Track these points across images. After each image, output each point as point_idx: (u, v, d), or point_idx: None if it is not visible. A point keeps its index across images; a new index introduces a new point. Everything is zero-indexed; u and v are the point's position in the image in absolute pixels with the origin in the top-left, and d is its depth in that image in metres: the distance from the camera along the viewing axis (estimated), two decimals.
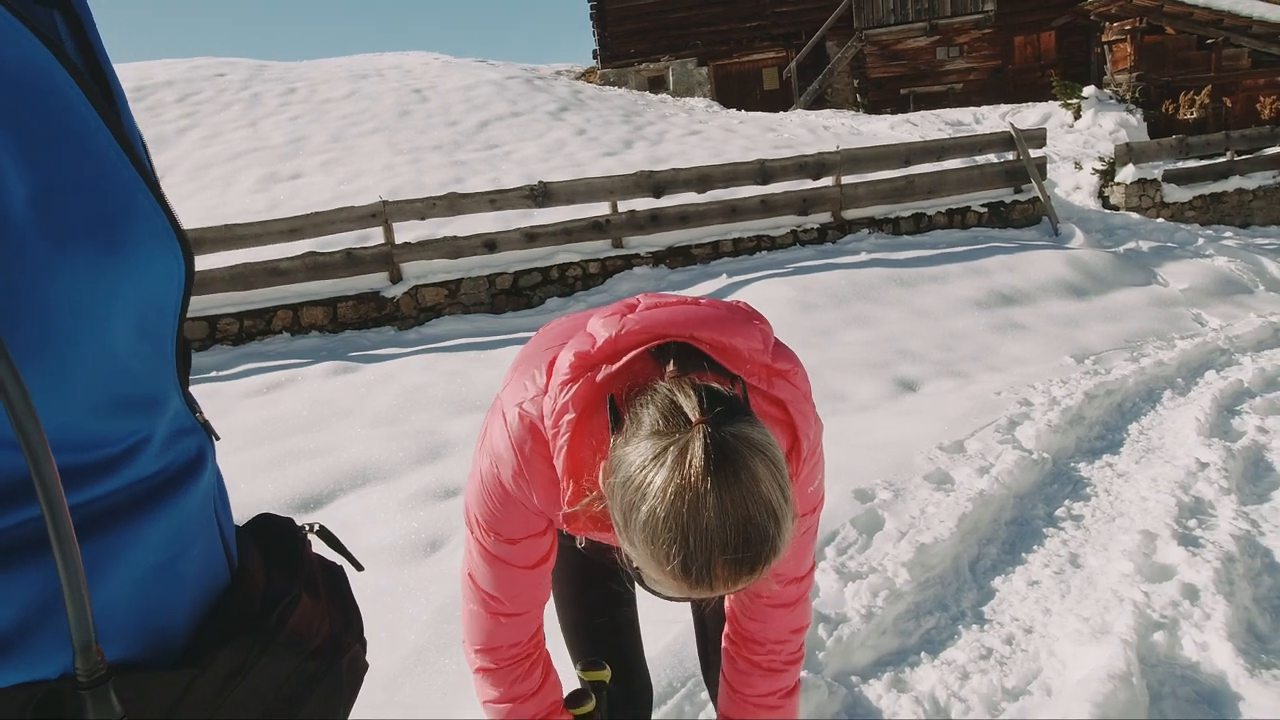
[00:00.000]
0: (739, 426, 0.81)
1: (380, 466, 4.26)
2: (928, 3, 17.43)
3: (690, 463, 0.78)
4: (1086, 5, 14.58)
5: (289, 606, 0.68)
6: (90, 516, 0.56)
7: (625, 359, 0.93)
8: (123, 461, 0.58)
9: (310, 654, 0.69)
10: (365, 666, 0.79)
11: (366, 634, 0.81)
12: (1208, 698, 2.03)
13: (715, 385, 0.88)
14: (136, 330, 0.59)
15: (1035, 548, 2.98)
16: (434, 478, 4.06)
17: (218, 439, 0.71)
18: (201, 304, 6.88)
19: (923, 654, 2.30)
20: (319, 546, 0.85)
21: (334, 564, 0.81)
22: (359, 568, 0.85)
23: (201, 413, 0.69)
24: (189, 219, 8.90)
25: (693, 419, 0.81)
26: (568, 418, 0.94)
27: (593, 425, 0.93)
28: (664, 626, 2.15)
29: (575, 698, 1.29)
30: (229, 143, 11.88)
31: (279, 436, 4.84)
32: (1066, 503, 3.38)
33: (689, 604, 1.50)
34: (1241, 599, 2.47)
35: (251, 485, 4.07)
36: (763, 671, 1.22)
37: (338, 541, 0.84)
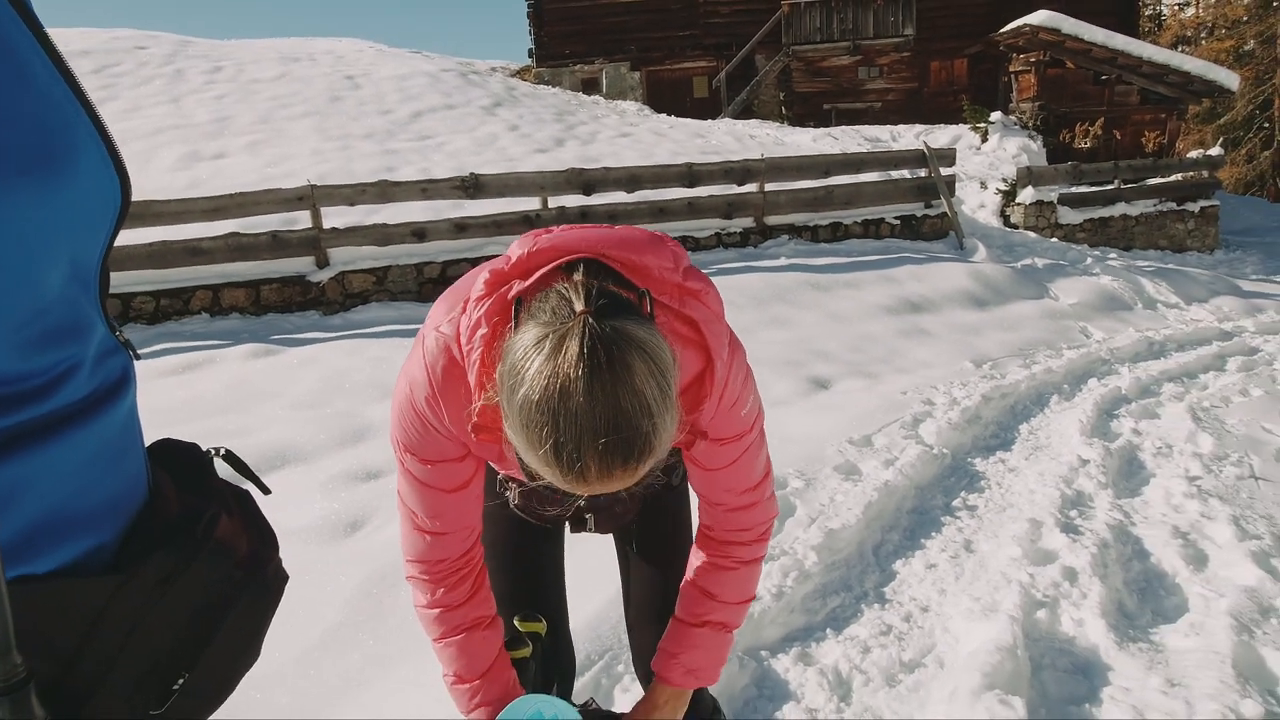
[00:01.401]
0: (622, 322, 0.82)
1: (301, 448, 4.14)
2: (852, 24, 17.91)
3: (566, 350, 0.79)
4: (997, 36, 15.23)
5: (213, 518, 0.68)
6: (18, 435, 0.54)
7: (537, 274, 0.93)
8: (53, 388, 0.56)
9: (237, 563, 0.70)
10: (286, 577, 0.79)
11: (284, 610, 0.81)
12: (1082, 669, 2.16)
13: (613, 289, 0.88)
14: (68, 261, 0.57)
15: (933, 534, 3.11)
16: (355, 460, 3.96)
17: (137, 357, 0.70)
18: (117, 280, 6.51)
19: (828, 630, 2.38)
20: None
21: (240, 489, 0.80)
22: (266, 491, 0.84)
23: (121, 332, 0.68)
24: None
25: (577, 311, 0.82)
26: (480, 333, 0.93)
27: (503, 339, 0.92)
28: (584, 598, 2.16)
29: (511, 643, 1.30)
30: (149, 118, 11.30)
31: (196, 417, 4.64)
32: (962, 494, 3.53)
33: (618, 568, 1.51)
34: (1114, 581, 2.64)
35: None
36: (730, 565, 1.23)
37: (244, 465, 0.83)
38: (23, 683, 0.51)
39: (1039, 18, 13.94)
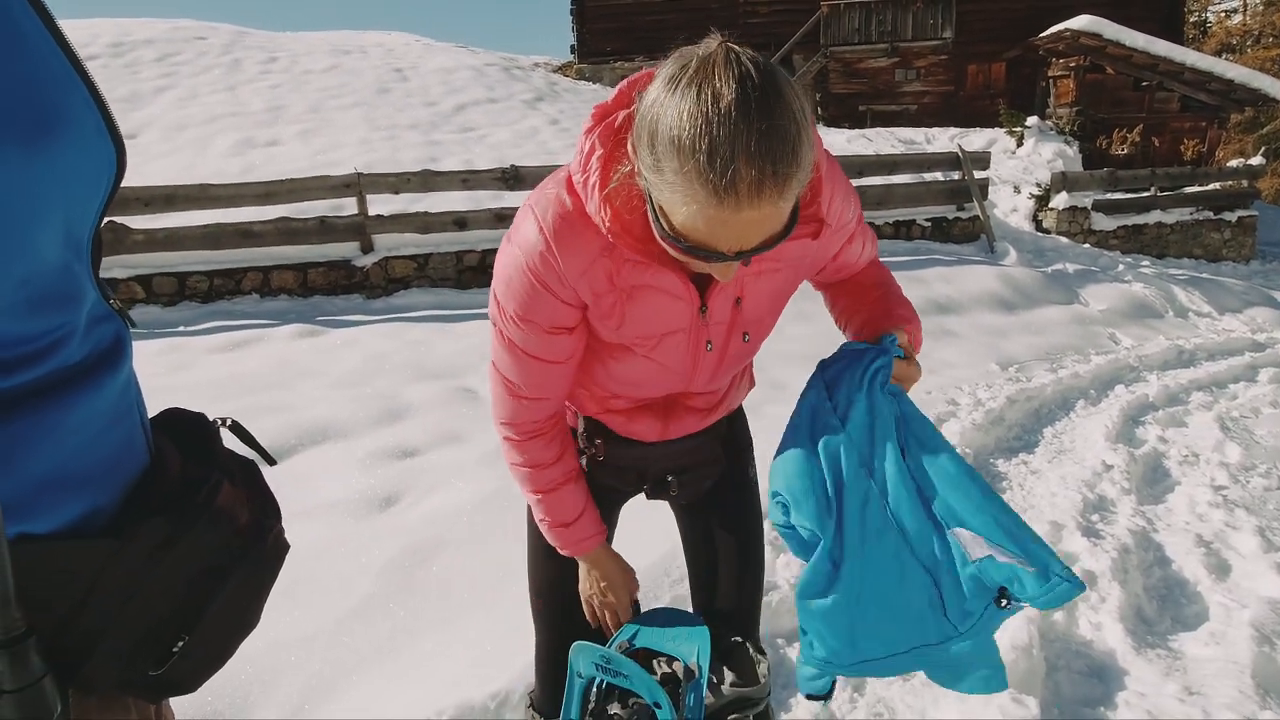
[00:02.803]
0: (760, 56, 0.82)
1: (341, 425, 4.20)
2: (891, 26, 17.63)
3: (714, 67, 0.78)
4: (1036, 41, 14.90)
5: (215, 486, 0.68)
6: (15, 398, 0.54)
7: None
8: (48, 353, 0.57)
9: (236, 531, 0.69)
10: (287, 546, 0.78)
11: (318, 581, 0.80)
12: (1098, 671, 2.12)
13: None
14: (62, 230, 0.56)
15: None
16: (392, 438, 4.01)
17: (133, 326, 0.69)
18: (172, 259, 6.68)
19: None
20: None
21: (246, 459, 0.80)
22: (271, 461, 0.84)
23: (116, 299, 0.67)
24: (163, 176, 8.60)
25: (713, 46, 0.80)
26: (596, 155, 0.91)
27: (619, 162, 0.90)
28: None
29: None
30: (206, 105, 11.50)
31: (243, 393, 4.73)
32: None
33: (687, 563, 1.44)
34: (1134, 587, 2.58)
35: None
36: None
37: (249, 435, 0.83)
38: (23, 636, 0.51)
39: (1080, 22, 13.61)
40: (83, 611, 0.58)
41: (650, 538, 2.17)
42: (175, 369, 5.28)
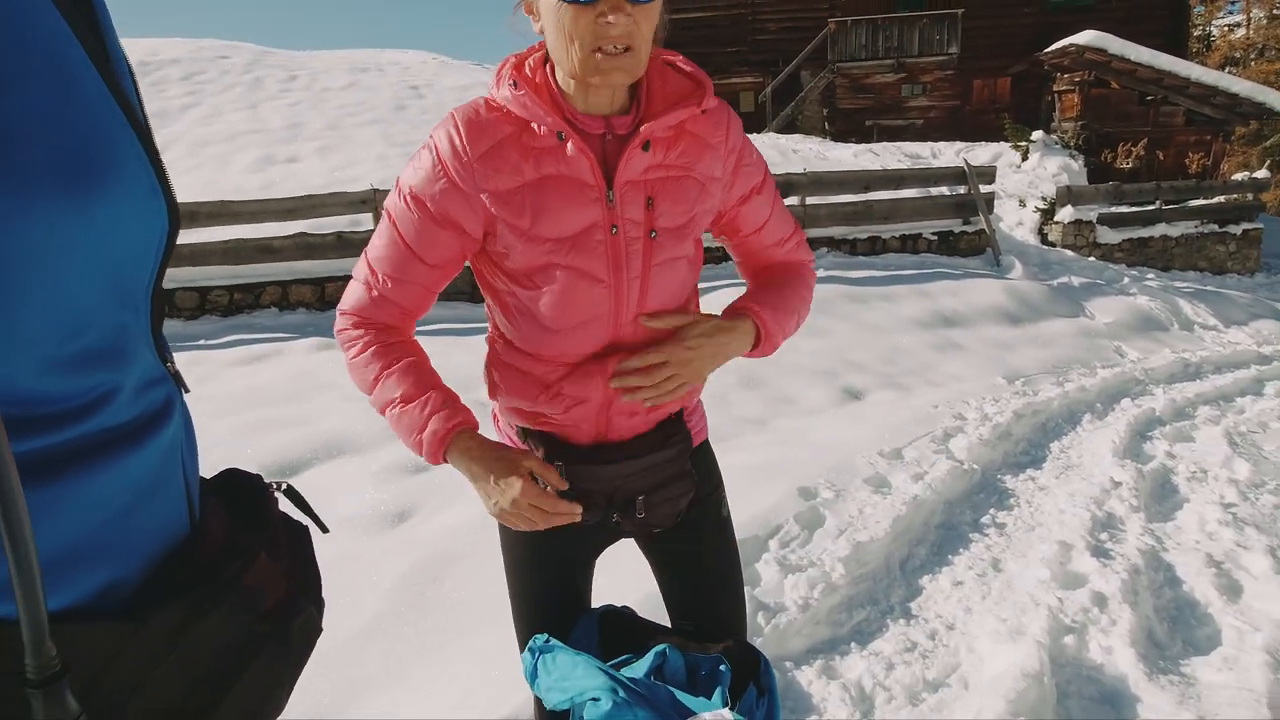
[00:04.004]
0: None
1: (356, 439, 4.19)
2: (897, 42, 17.59)
3: None
4: (1042, 56, 14.82)
5: (246, 563, 0.64)
6: (50, 459, 0.51)
7: None
8: (88, 412, 0.54)
9: (261, 615, 0.65)
10: (318, 631, 0.74)
11: (328, 597, 0.78)
12: (1109, 698, 2.06)
13: None
14: (108, 283, 0.54)
15: (961, 551, 3.01)
16: (406, 452, 3.99)
17: (187, 391, 0.67)
18: (194, 274, 6.71)
19: (853, 644, 2.31)
20: (285, 506, 0.81)
21: (299, 524, 0.77)
22: (324, 529, 0.81)
23: (173, 362, 0.64)
24: (186, 193, 8.66)
25: None
26: (509, 63, 1.06)
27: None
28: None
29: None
30: (229, 123, 11.60)
31: (261, 405, 4.74)
32: (991, 511, 3.42)
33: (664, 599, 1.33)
34: (1144, 609, 2.52)
35: (231, 448, 3.98)
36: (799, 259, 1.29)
37: (304, 502, 0.79)
38: (57, 675, 0.48)
39: (1085, 38, 13.53)
40: (90, 698, 0.53)
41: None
42: (197, 382, 5.29)
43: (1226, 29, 28.39)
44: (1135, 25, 16.40)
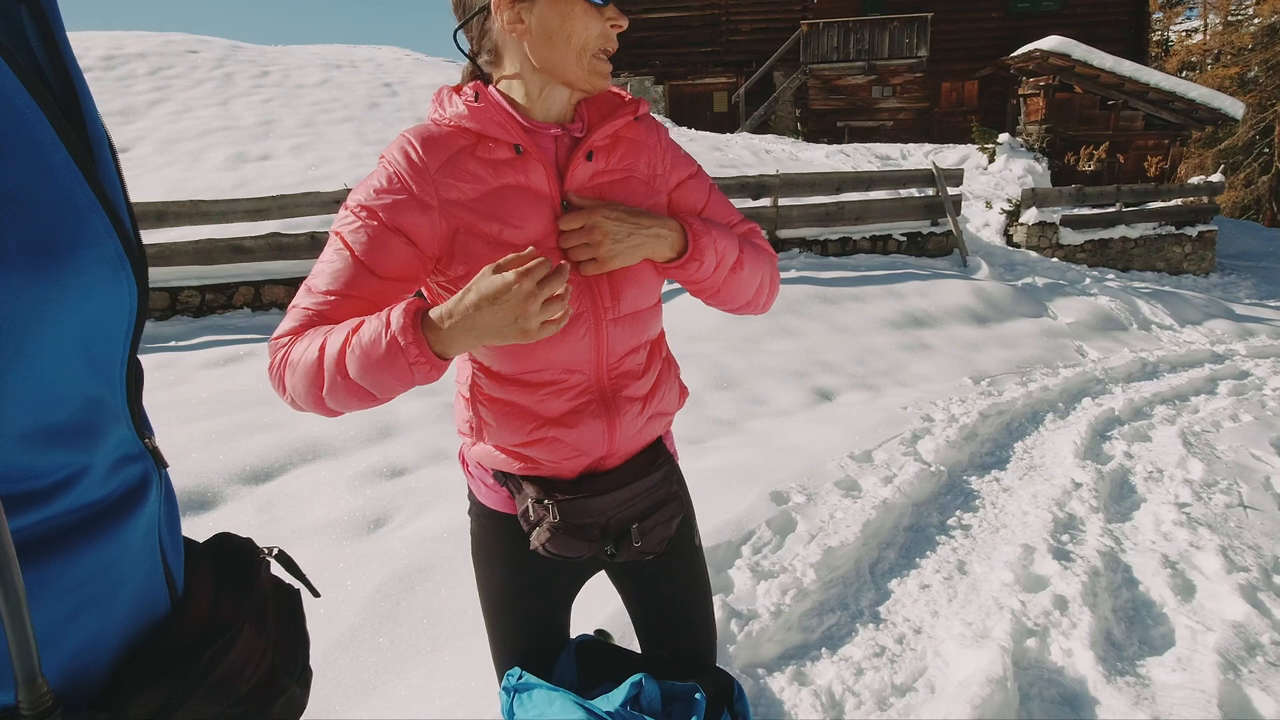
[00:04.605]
0: None
1: (331, 443, 4.14)
2: (868, 44, 17.73)
3: None
4: (1008, 60, 15.03)
5: (226, 645, 0.62)
6: (16, 545, 0.49)
7: None
8: (56, 493, 0.52)
9: (239, 699, 0.63)
10: (301, 708, 0.72)
11: (307, 609, 0.75)
12: (1069, 700, 2.11)
13: None
14: (78, 358, 0.53)
15: (928, 554, 3.06)
16: (382, 457, 3.96)
17: (166, 466, 0.65)
18: (164, 275, 6.58)
19: (823, 650, 2.34)
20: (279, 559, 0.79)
21: (290, 588, 0.75)
22: (315, 594, 0.79)
23: (151, 437, 0.63)
24: (156, 191, 8.48)
25: None
26: (442, 91, 1.08)
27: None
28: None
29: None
30: (199, 119, 11.37)
31: (234, 409, 4.66)
32: (958, 513, 3.48)
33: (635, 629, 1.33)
34: (1103, 610, 2.58)
35: (204, 455, 3.91)
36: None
37: (296, 567, 0.77)
38: (50, 710, 0.47)
39: (1050, 43, 13.74)
40: None
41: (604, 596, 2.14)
42: (168, 385, 5.19)
43: (1184, 34, 28.99)
44: (1097, 30, 16.70)
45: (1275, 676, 2.20)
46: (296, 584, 0.77)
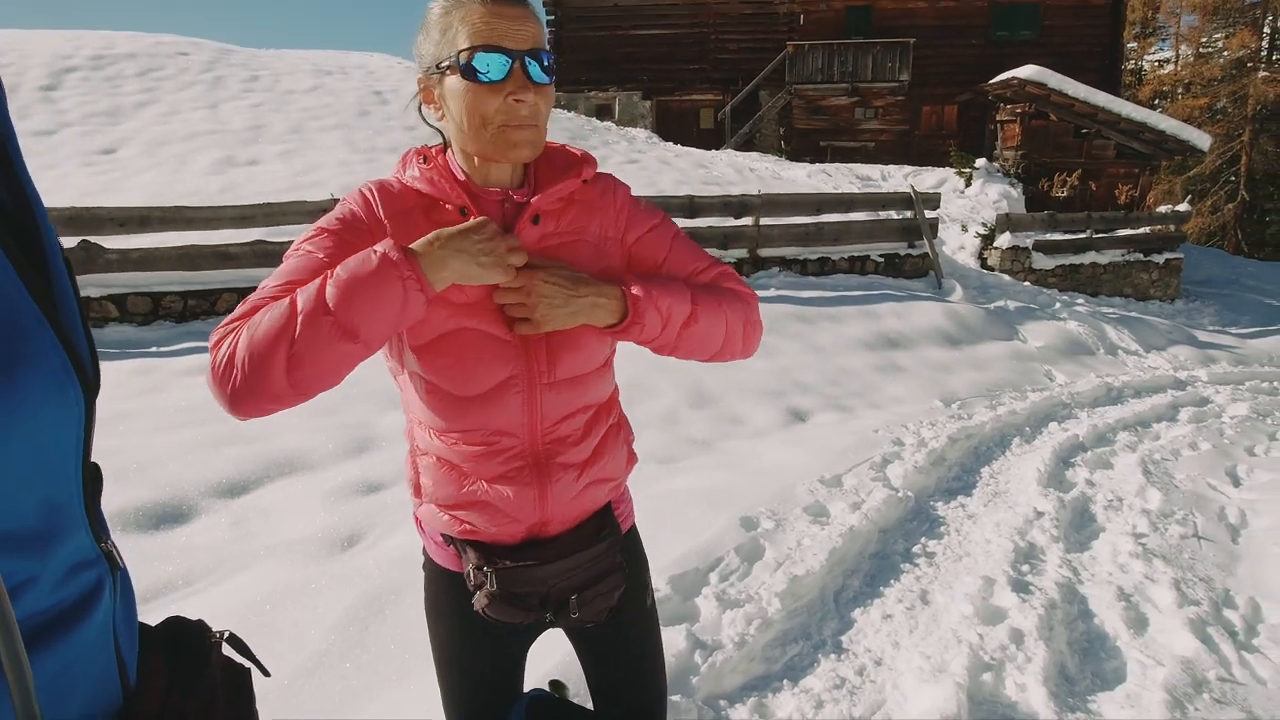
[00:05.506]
0: None
1: (308, 456, 4.11)
2: (852, 67, 17.92)
3: None
4: (986, 86, 15.23)
5: None
6: None
7: None
8: None
9: None
10: None
11: (274, 632, 0.75)
12: None
13: None
14: (32, 467, 0.53)
15: (892, 582, 3.08)
16: (358, 471, 3.94)
17: (120, 568, 0.64)
18: (147, 279, 6.50)
19: (785, 681, 2.35)
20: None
21: (241, 668, 0.75)
22: (266, 674, 0.79)
23: (108, 540, 0.62)
24: (144, 193, 8.38)
25: None
26: (413, 150, 1.13)
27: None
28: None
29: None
30: (188, 122, 11.26)
31: (213, 419, 4.60)
32: (923, 540, 3.51)
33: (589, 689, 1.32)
34: (1058, 643, 2.61)
35: (180, 465, 3.86)
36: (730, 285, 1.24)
37: (247, 649, 0.77)
38: None
39: (1027, 71, 13.94)
40: None
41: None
42: (147, 391, 5.12)
43: (1157, 64, 29.53)
44: (1073, 59, 16.99)
45: (1220, 714, 2.24)
46: (247, 663, 0.77)
